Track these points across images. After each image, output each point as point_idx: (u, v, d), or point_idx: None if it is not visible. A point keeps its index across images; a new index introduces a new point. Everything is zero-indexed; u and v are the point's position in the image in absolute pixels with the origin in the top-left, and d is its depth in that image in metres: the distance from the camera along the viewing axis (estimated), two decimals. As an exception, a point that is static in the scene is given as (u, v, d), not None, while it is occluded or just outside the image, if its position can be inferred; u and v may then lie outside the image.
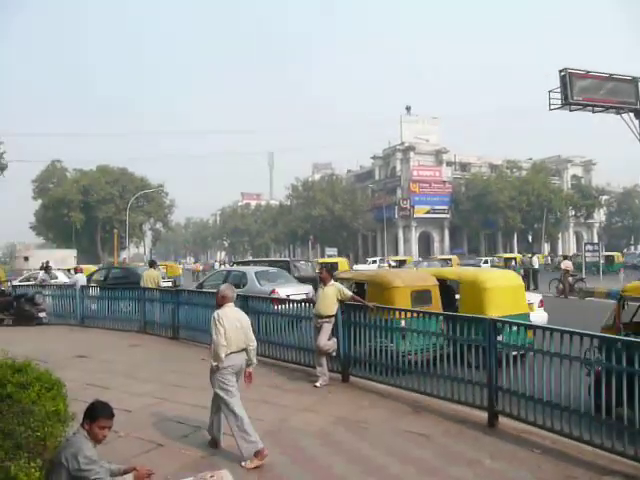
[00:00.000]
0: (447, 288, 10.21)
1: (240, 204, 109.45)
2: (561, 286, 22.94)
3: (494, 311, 8.60)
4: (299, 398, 7.34)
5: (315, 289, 14.77)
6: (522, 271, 28.66)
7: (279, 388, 7.85)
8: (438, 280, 9.80)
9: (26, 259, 43.41)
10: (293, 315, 9.29)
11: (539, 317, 10.88)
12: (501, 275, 11.26)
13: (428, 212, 67.78)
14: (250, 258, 76.49)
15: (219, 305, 5.63)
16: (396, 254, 60.55)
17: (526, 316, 9.39)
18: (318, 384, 7.84)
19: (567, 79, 23.88)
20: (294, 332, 9.12)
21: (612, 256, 40.97)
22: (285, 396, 7.45)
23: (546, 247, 67.60)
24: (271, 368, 9.01)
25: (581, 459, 5.19)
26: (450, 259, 36.96)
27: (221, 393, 5.40)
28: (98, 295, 14.61)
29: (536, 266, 27.93)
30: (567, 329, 5.59)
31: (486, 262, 43.09)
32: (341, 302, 8.11)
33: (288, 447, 5.57)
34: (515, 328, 6.29)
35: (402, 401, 7.11)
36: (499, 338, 6.38)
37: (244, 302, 10.13)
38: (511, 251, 64.21)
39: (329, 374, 8.06)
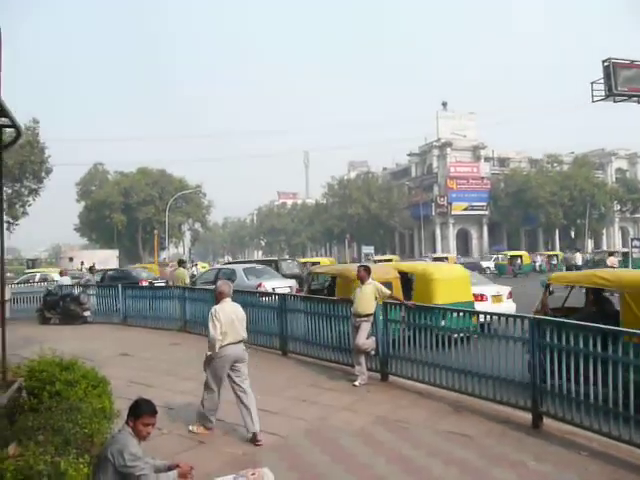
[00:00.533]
0: (409, 280, 11.24)
1: (276, 203, 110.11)
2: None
3: (441, 299, 9.81)
4: (338, 397, 7.34)
5: (300, 285, 16.15)
6: (564, 268, 28.12)
7: (318, 387, 7.86)
8: (401, 273, 10.91)
9: (71, 260, 44.87)
10: (331, 314, 9.28)
11: (507, 307, 12.40)
12: (448, 268, 13.42)
13: (466, 209, 66.66)
14: (287, 256, 78.30)
15: (217, 300, 6.07)
16: (434, 251, 59.83)
17: (470, 304, 10.65)
18: (357, 383, 7.82)
19: (611, 69, 23.15)
20: (332, 331, 9.11)
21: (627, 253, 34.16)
22: (324, 395, 7.45)
23: (590, 243, 65.68)
24: (310, 367, 9.05)
25: (631, 462, 5.02)
26: (447, 257, 37.57)
27: (210, 378, 5.95)
28: (140, 294, 14.94)
29: (579, 262, 27.22)
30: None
31: (496, 259, 41.87)
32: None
33: (328, 446, 5.56)
34: (461, 314, 7.36)
35: (442, 400, 7.02)
36: (442, 323, 7.34)
37: (282, 302, 10.22)
38: (553, 247, 62.70)
39: (368, 373, 8.03)
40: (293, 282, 16.18)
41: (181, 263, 16.84)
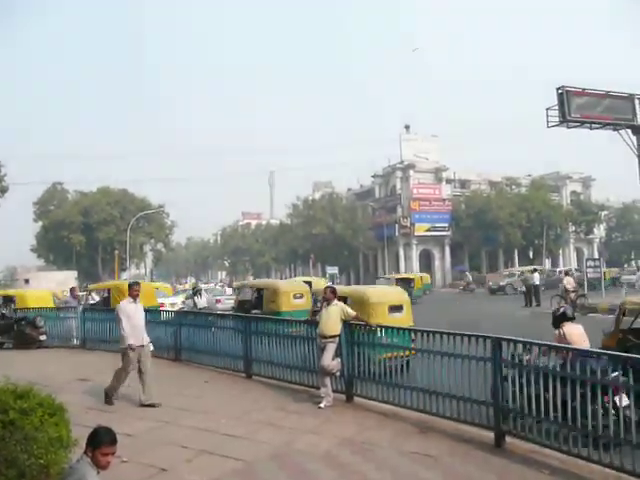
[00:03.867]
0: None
1: (241, 223, 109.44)
2: (563, 302, 22.82)
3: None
4: (303, 420, 7.27)
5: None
6: (524, 287, 28.64)
7: (283, 409, 7.77)
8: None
9: (26, 281, 43.34)
10: (296, 336, 9.23)
11: None
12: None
13: (428, 230, 67.71)
14: (252, 277, 78.53)
15: None
16: (397, 272, 60.50)
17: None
18: (322, 405, 7.77)
19: (564, 96, 24.03)
20: (297, 352, 9.05)
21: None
22: (289, 418, 7.37)
23: (547, 263, 67.47)
24: (275, 389, 8.95)
25: (591, 479, 5.11)
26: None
27: None
28: (100, 317, 14.54)
29: (537, 282, 27.81)
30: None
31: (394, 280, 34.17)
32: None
33: (294, 471, 5.49)
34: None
35: (407, 421, 7.04)
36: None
37: (247, 323, 10.11)
38: (512, 267, 64.12)
39: (333, 395, 7.99)
40: None
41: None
